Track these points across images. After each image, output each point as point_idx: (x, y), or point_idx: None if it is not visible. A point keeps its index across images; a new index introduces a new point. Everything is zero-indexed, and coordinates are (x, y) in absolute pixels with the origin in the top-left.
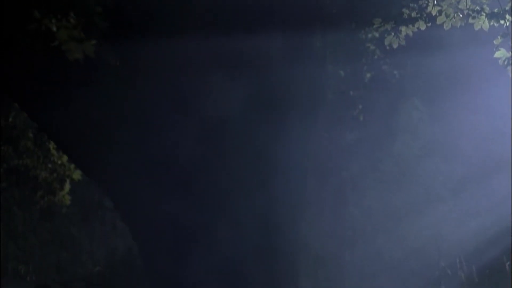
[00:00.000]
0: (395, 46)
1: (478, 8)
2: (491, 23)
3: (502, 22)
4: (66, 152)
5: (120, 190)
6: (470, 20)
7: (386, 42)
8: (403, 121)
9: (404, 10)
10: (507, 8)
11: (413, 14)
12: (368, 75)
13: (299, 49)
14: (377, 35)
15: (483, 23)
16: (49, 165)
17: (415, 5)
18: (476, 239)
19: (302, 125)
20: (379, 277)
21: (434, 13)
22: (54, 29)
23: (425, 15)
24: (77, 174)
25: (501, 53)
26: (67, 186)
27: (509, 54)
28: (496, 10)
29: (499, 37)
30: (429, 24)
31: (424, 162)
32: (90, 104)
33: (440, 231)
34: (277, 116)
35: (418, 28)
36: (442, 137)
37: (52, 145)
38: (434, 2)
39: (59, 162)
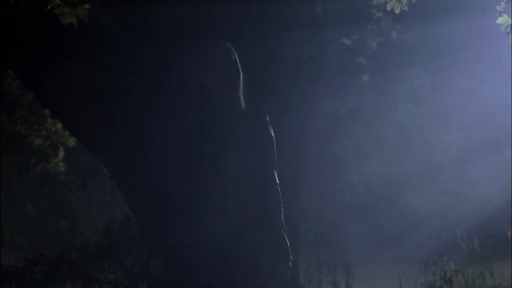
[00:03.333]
0: (397, 11)
1: None
2: None
3: None
4: (60, 119)
5: (115, 158)
6: None
7: (388, 7)
8: (404, 90)
9: None
10: None
11: None
12: (374, 43)
13: (298, 16)
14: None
15: None
16: (43, 132)
17: None
18: (478, 209)
19: (301, 94)
20: (381, 248)
21: None
22: None
23: None
24: (71, 141)
25: (503, 20)
26: (61, 153)
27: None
28: None
29: (502, 2)
30: None
31: (425, 131)
32: (85, 70)
33: (441, 200)
34: (275, 85)
35: None
36: (444, 106)
37: (46, 112)
38: None
39: (53, 129)
